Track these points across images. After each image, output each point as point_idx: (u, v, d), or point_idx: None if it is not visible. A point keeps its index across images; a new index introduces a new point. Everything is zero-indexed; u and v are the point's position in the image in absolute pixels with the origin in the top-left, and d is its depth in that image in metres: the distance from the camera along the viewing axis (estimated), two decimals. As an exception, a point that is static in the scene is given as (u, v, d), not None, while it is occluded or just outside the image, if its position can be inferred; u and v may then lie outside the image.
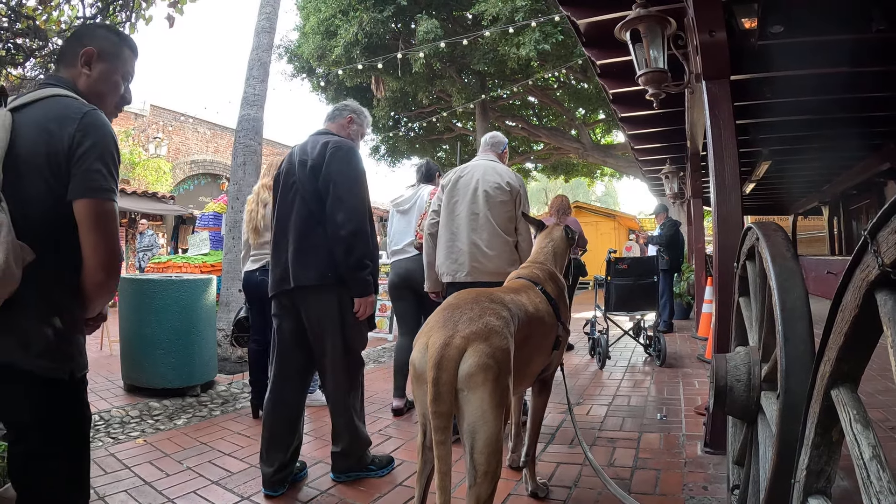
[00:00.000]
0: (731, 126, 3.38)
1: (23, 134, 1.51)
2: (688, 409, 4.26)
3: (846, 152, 7.80)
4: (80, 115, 1.55)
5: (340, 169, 2.89)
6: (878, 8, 3.70)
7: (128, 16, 5.85)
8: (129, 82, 1.86)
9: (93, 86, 1.73)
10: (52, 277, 1.53)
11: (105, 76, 1.76)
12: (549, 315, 2.56)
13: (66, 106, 1.57)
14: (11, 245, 1.39)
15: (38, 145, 1.50)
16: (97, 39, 1.77)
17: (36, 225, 1.48)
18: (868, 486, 0.90)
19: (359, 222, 2.85)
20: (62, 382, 1.55)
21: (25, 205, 1.47)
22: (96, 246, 1.55)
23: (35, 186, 1.50)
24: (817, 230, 15.38)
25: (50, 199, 1.51)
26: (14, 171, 1.47)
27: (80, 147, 1.52)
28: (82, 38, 1.76)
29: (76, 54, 1.72)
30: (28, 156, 1.50)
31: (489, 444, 1.78)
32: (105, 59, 1.76)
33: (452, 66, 15.60)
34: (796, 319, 1.49)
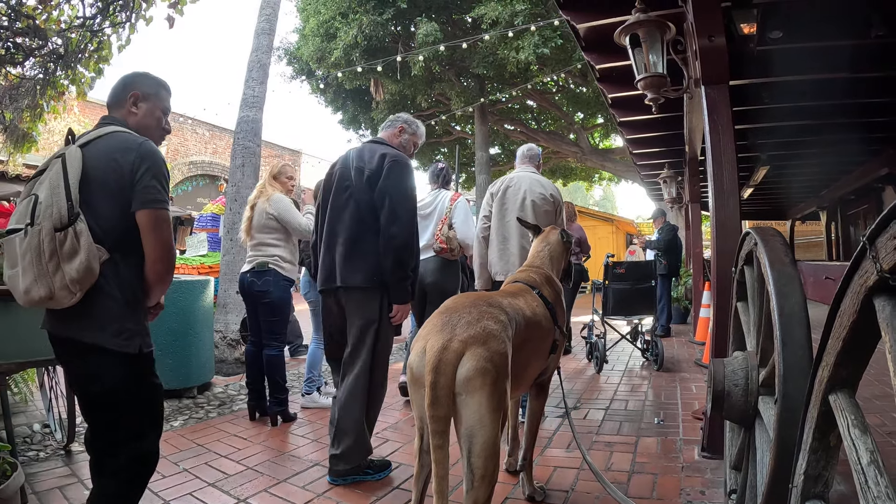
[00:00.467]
0: (730, 131, 3.38)
1: (93, 164, 1.93)
2: (685, 414, 4.26)
3: (844, 157, 7.80)
4: (137, 146, 1.99)
5: (396, 185, 3.09)
6: (878, 13, 3.71)
7: (128, 16, 5.85)
8: (167, 115, 2.30)
9: (140, 121, 2.17)
10: (121, 272, 1.94)
11: (149, 113, 2.20)
12: (546, 319, 2.56)
13: (125, 139, 2.01)
14: (90, 248, 1.82)
15: (106, 172, 1.93)
16: (140, 85, 2.20)
17: (107, 232, 1.90)
18: (866, 491, 0.90)
19: (409, 236, 3.09)
20: (133, 356, 1.94)
21: (99, 217, 1.89)
22: (155, 245, 1.97)
23: (106, 202, 1.92)
24: (815, 235, 15.38)
25: (118, 212, 1.93)
26: (88, 192, 1.89)
27: (139, 170, 1.94)
28: (129, 86, 2.20)
29: (125, 98, 2.17)
30: (99, 180, 1.92)
31: (486, 448, 1.78)
32: (147, 100, 2.20)
33: (451, 70, 15.62)
34: (794, 324, 1.49)
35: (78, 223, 1.82)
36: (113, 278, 1.91)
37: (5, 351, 3.00)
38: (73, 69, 5.96)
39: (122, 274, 1.94)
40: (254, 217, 4.28)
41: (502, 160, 21.63)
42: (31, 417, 4.07)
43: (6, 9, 5.58)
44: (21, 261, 1.84)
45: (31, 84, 6.03)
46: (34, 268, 1.81)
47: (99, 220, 1.89)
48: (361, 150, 3.31)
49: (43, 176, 1.95)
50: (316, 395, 4.71)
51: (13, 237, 1.87)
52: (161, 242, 1.98)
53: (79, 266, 1.80)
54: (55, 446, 3.60)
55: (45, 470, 3.20)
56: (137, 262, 1.99)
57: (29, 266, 1.82)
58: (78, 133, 2.09)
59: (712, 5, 3.29)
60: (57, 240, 1.80)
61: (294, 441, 3.85)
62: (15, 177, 12.06)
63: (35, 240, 1.81)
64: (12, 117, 6.14)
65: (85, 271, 1.81)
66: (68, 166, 1.89)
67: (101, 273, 1.86)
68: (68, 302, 1.83)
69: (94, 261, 1.83)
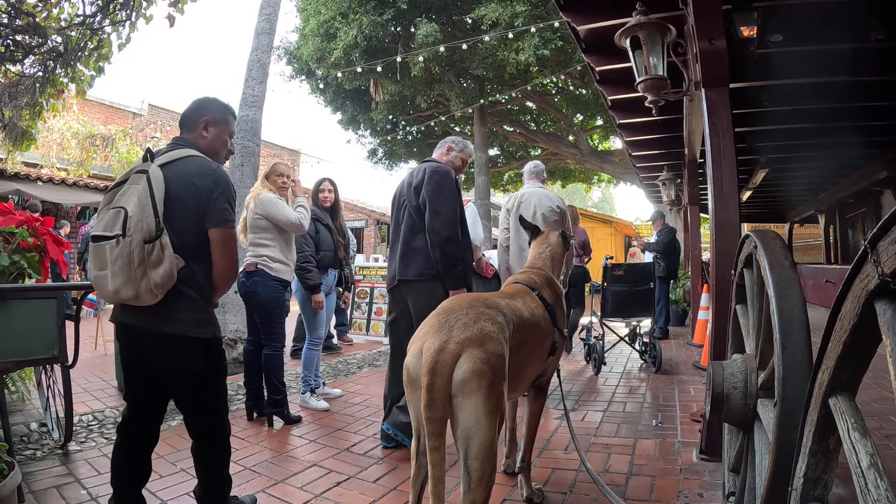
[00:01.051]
0: (730, 134, 3.38)
1: (173, 185, 2.24)
2: (683, 416, 4.26)
3: (843, 161, 7.82)
4: (213, 172, 2.33)
5: (434, 189, 3.56)
6: (877, 18, 3.71)
7: (128, 14, 5.85)
8: (232, 138, 2.64)
9: (209, 144, 2.51)
10: (194, 276, 2.29)
11: (217, 137, 2.54)
12: (546, 321, 2.56)
13: (202, 165, 2.35)
14: (172, 258, 2.15)
15: (186, 193, 2.25)
16: (211, 111, 2.54)
17: (185, 244, 2.23)
18: (866, 494, 0.90)
19: (451, 230, 3.52)
20: (207, 341, 2.33)
21: (178, 231, 2.21)
22: (223, 256, 2.34)
23: (184, 219, 2.24)
24: (813, 238, 15.41)
25: (194, 227, 2.27)
26: (170, 210, 2.20)
27: (214, 193, 2.29)
28: (201, 111, 2.52)
29: (197, 122, 2.50)
30: (180, 200, 2.23)
31: (483, 451, 1.78)
32: (217, 125, 2.53)
33: (451, 71, 15.60)
34: (794, 327, 1.49)
35: (163, 237, 2.14)
36: (189, 281, 2.26)
37: (2, 349, 2.99)
38: (73, 67, 5.96)
39: (196, 278, 2.29)
40: (247, 218, 4.28)
41: (501, 161, 21.63)
42: (29, 416, 4.06)
43: (6, 6, 5.57)
44: (111, 265, 2.14)
45: (30, 82, 6.02)
46: (124, 273, 2.12)
47: (178, 234, 2.21)
48: (414, 169, 3.89)
49: (125, 188, 2.23)
50: (308, 395, 4.70)
51: (103, 244, 2.15)
52: (229, 254, 2.36)
53: (163, 273, 2.13)
54: (52, 445, 3.60)
55: (42, 469, 3.19)
56: (207, 268, 2.34)
57: (119, 271, 2.12)
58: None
59: (713, 8, 3.29)
60: (145, 251, 2.11)
61: (292, 441, 3.85)
62: (14, 174, 12.08)
63: (126, 249, 2.10)
64: (11, 115, 6.13)
65: (167, 277, 2.15)
66: (154, 187, 2.18)
67: (179, 277, 2.20)
68: (150, 302, 2.16)
69: (174, 268, 2.17)
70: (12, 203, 6.82)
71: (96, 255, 2.20)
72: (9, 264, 3.23)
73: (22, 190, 11.63)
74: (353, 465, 3.36)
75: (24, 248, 3.40)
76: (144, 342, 2.31)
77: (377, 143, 20.61)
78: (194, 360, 2.30)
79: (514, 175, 23.45)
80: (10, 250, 3.31)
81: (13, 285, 3.20)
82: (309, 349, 4.69)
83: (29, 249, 3.43)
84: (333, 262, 4.85)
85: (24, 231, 3.42)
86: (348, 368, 6.54)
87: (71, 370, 3.41)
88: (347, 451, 3.63)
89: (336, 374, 6.22)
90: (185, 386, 2.36)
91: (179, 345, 2.26)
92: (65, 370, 3.37)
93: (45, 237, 3.53)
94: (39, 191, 12.02)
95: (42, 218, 3.67)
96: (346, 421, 4.30)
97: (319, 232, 4.73)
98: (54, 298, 3.23)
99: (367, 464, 3.38)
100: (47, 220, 3.67)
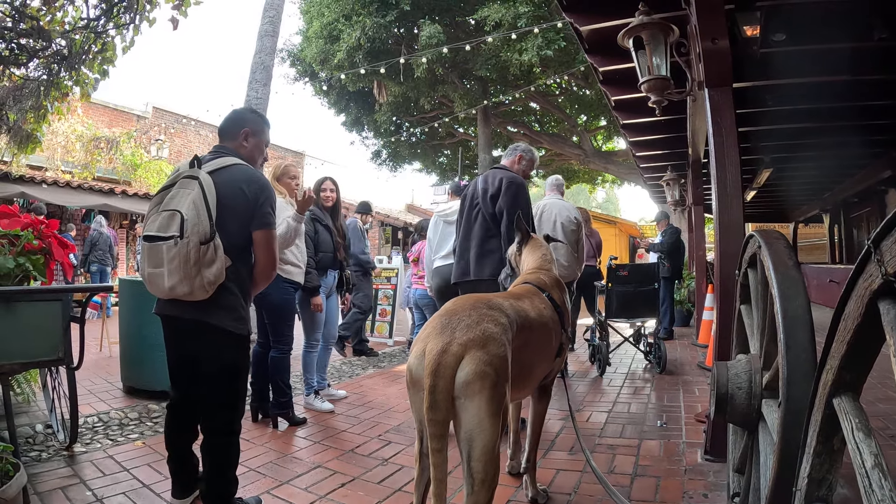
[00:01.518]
0: (734, 133, 3.38)
1: (223, 191, 2.46)
2: (688, 417, 4.25)
3: (847, 160, 7.81)
4: (258, 179, 2.60)
5: (511, 201, 3.87)
6: (880, 17, 3.70)
7: (131, 17, 5.87)
8: (267, 146, 2.89)
9: (249, 153, 2.76)
10: (239, 274, 2.56)
11: (256, 146, 2.80)
12: (554, 321, 2.55)
13: (248, 173, 2.60)
14: (223, 258, 2.41)
15: (235, 199, 2.50)
16: (251, 122, 2.79)
17: (232, 245, 2.48)
18: (870, 494, 0.90)
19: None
20: (242, 337, 2.59)
21: (226, 233, 2.45)
22: (266, 255, 2.62)
23: (233, 222, 2.49)
24: (818, 238, 15.37)
25: (240, 229, 2.54)
26: (220, 214, 2.42)
27: (259, 199, 2.55)
28: (242, 122, 2.77)
29: (237, 133, 2.74)
30: (228, 205, 2.47)
31: (486, 452, 1.78)
32: (255, 135, 2.78)
33: (455, 72, 15.63)
34: (798, 327, 1.49)
35: (216, 239, 2.38)
36: (234, 279, 2.52)
37: (8, 351, 3.00)
38: (77, 70, 5.98)
39: (240, 275, 2.56)
40: None
41: (505, 162, 21.61)
42: (34, 418, 4.07)
43: (10, 10, 5.60)
44: (168, 264, 2.34)
45: (34, 85, 6.05)
46: (181, 271, 2.33)
47: (227, 236, 2.45)
48: (487, 175, 4.17)
49: (174, 191, 2.44)
50: (312, 397, 4.71)
51: (160, 244, 2.35)
52: (271, 253, 2.63)
53: (215, 271, 2.38)
54: (57, 447, 3.61)
55: (48, 471, 3.20)
56: (249, 267, 2.64)
57: (176, 269, 2.33)
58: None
59: (716, 7, 3.29)
60: (201, 251, 2.33)
61: (297, 443, 3.86)
62: (18, 177, 12.12)
63: (184, 249, 2.31)
64: (16, 118, 6.16)
65: (218, 275, 2.39)
66: (207, 193, 2.40)
67: (226, 276, 2.45)
68: (202, 297, 2.40)
69: (224, 267, 2.42)
70: (17, 206, 6.85)
71: (151, 255, 2.39)
72: (14, 267, 3.24)
73: (27, 193, 11.67)
74: (358, 466, 3.36)
75: (30, 250, 3.42)
76: (188, 331, 2.57)
77: (381, 144, 20.65)
78: (229, 351, 2.56)
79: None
80: (15, 253, 3.32)
81: (18, 287, 3.21)
82: (307, 351, 4.68)
83: (34, 252, 3.44)
84: (333, 263, 4.80)
85: (29, 234, 3.43)
86: (353, 370, 6.55)
87: (76, 372, 3.42)
88: (352, 452, 3.63)
89: (340, 375, 6.23)
90: (217, 375, 2.57)
91: (218, 336, 2.51)
92: (70, 372, 3.38)
93: (49, 240, 3.54)
94: (44, 193, 12.06)
95: (47, 220, 3.68)
96: (350, 422, 4.31)
97: (318, 233, 4.70)
98: (59, 300, 3.24)
99: (371, 465, 3.38)
100: (52, 223, 3.68)
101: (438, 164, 22.38)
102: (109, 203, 13.49)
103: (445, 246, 5.15)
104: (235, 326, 2.53)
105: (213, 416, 2.60)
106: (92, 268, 11.24)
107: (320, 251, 4.69)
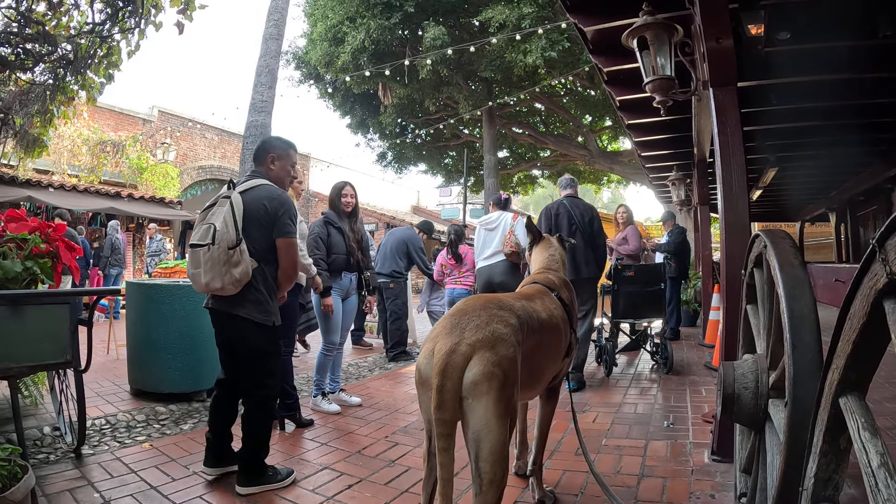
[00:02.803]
0: (739, 133, 3.37)
1: (249, 207, 3.02)
2: (695, 417, 4.24)
3: (853, 158, 7.75)
4: (278, 196, 3.11)
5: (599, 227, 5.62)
6: (885, 14, 3.69)
7: (137, 22, 5.90)
8: (294, 167, 3.41)
9: (276, 175, 3.28)
10: (265, 274, 3.07)
11: (281, 168, 3.31)
12: (564, 322, 2.55)
13: (270, 191, 3.12)
14: (248, 260, 2.94)
15: (259, 211, 3.03)
16: (276, 148, 3.31)
17: (258, 250, 3.02)
18: (876, 494, 0.90)
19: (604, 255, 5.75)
20: (268, 327, 3.07)
21: (253, 241, 3.00)
22: (286, 258, 3.12)
23: (258, 232, 3.03)
24: (824, 237, 15.29)
25: (264, 237, 3.05)
26: (248, 225, 2.99)
27: (279, 212, 3.06)
28: (268, 149, 3.30)
29: (265, 158, 3.27)
30: (254, 217, 3.02)
31: (494, 453, 1.78)
32: (280, 159, 3.30)
33: (459, 73, 15.62)
34: (804, 327, 1.48)
35: (241, 245, 2.92)
36: (260, 278, 3.03)
37: (16, 354, 3.02)
38: (83, 75, 6.01)
39: (265, 276, 3.07)
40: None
41: (511, 163, 21.62)
42: (42, 420, 4.09)
43: (16, 15, 5.63)
44: (204, 265, 2.91)
45: (41, 90, 6.08)
46: (213, 270, 2.90)
47: (253, 243, 3.00)
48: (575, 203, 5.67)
49: (214, 209, 3.03)
50: (319, 398, 4.72)
51: (198, 250, 2.92)
52: (290, 257, 3.13)
53: (241, 271, 2.91)
54: (65, 449, 3.62)
55: (56, 473, 3.21)
56: (274, 269, 3.12)
57: (209, 269, 2.90)
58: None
59: (720, 7, 3.28)
60: (229, 254, 2.88)
61: (304, 445, 3.86)
62: (25, 181, 12.19)
63: (216, 253, 2.88)
64: (22, 122, 6.19)
65: (244, 274, 2.93)
66: (235, 208, 2.95)
67: (253, 275, 2.98)
68: (232, 292, 2.96)
69: (249, 268, 2.95)
70: (24, 210, 6.89)
71: (192, 259, 2.98)
72: (22, 270, 3.26)
73: (34, 196, 11.71)
74: (365, 467, 3.37)
75: (37, 254, 3.43)
76: (226, 321, 3.09)
77: (386, 146, 20.66)
78: (256, 338, 3.04)
79: (523, 177, 23.45)
80: (23, 256, 3.34)
81: (26, 291, 3.23)
82: (323, 354, 4.70)
83: (42, 255, 3.46)
84: (347, 265, 4.82)
85: (36, 237, 3.45)
86: (360, 372, 6.56)
87: (84, 374, 3.43)
88: (359, 453, 3.63)
89: (347, 377, 6.23)
90: (248, 358, 3.08)
91: (247, 325, 3.01)
92: (78, 374, 3.39)
93: (57, 243, 3.56)
94: (51, 197, 12.10)
95: (54, 224, 3.70)
96: (357, 424, 4.31)
97: (331, 235, 4.73)
98: (67, 304, 3.26)
99: (378, 466, 3.39)
100: (59, 227, 3.70)
101: (444, 166, 22.38)
102: (116, 206, 13.56)
103: (487, 250, 6.15)
104: (262, 318, 3.03)
105: (248, 391, 3.15)
106: (112, 271, 11.36)
107: (332, 253, 4.70)
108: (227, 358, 3.24)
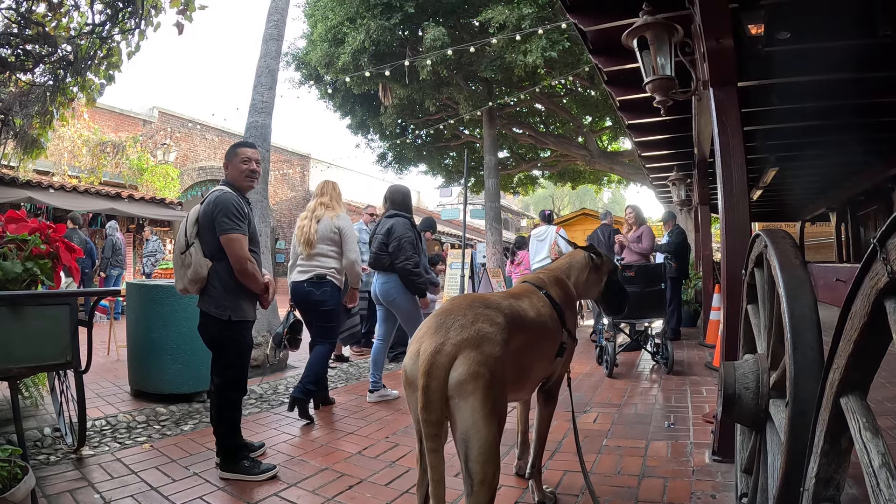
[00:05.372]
0: (739, 133, 3.37)
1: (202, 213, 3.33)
2: (696, 417, 4.24)
3: (853, 158, 7.76)
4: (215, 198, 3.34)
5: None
6: (885, 13, 3.69)
7: (137, 23, 5.90)
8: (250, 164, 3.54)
9: (231, 177, 3.53)
10: (219, 272, 3.30)
11: (234, 169, 3.52)
12: (553, 320, 2.53)
13: (214, 195, 3.37)
14: (199, 261, 3.26)
15: (207, 216, 3.30)
16: (226, 156, 3.58)
17: (210, 250, 3.30)
18: (878, 494, 0.90)
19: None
20: (223, 320, 3.30)
21: (205, 243, 3.31)
22: (230, 254, 3.28)
23: (209, 233, 3.30)
24: (825, 236, 15.30)
25: (212, 238, 3.29)
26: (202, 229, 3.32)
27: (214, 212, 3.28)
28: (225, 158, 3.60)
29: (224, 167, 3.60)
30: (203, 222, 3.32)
31: (483, 453, 1.77)
32: (231, 161, 3.55)
33: (459, 74, 15.61)
34: (805, 327, 1.48)
35: (191, 248, 3.28)
36: (214, 276, 3.29)
37: (16, 355, 3.02)
38: (83, 76, 6.00)
39: (220, 274, 3.30)
40: (317, 228, 4.55)
41: (511, 164, 21.60)
42: (42, 421, 4.09)
43: (16, 16, 5.63)
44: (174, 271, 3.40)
45: (41, 91, 6.08)
46: (176, 273, 3.39)
47: (205, 245, 3.30)
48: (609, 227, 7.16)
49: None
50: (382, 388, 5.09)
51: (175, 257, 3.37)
52: (232, 253, 3.27)
53: (192, 271, 3.26)
54: (65, 450, 3.62)
55: (56, 474, 3.21)
56: (227, 265, 3.30)
57: (175, 272, 3.41)
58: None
59: (720, 6, 3.28)
60: (181, 258, 3.32)
61: (304, 445, 3.86)
62: (25, 182, 12.18)
63: (175, 258, 3.37)
64: (22, 123, 6.19)
65: (195, 274, 3.26)
66: (188, 218, 3.34)
67: (209, 273, 3.28)
68: (193, 291, 3.34)
69: (200, 268, 3.26)
70: (24, 211, 6.90)
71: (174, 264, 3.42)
72: (22, 271, 3.26)
73: (34, 197, 11.71)
74: (366, 468, 3.37)
75: (37, 255, 3.43)
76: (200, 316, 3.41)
77: (386, 147, 20.63)
78: (212, 329, 3.35)
79: (523, 177, 23.44)
80: (22, 257, 3.34)
81: (26, 292, 3.23)
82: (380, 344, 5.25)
83: (42, 256, 3.45)
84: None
85: (36, 238, 3.45)
86: (360, 372, 6.56)
87: (84, 375, 3.43)
88: (360, 454, 3.63)
89: (348, 378, 6.24)
90: (208, 346, 3.43)
91: (205, 317, 3.37)
92: (78, 375, 3.39)
93: (57, 244, 3.56)
94: (51, 198, 12.10)
95: (54, 225, 3.70)
96: (358, 425, 4.31)
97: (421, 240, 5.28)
98: (67, 305, 3.26)
99: (379, 467, 3.38)
100: (59, 228, 3.70)
101: (444, 166, 22.35)
102: (116, 207, 13.56)
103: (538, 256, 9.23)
104: (216, 312, 3.29)
105: (211, 380, 3.45)
106: (113, 272, 11.37)
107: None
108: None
